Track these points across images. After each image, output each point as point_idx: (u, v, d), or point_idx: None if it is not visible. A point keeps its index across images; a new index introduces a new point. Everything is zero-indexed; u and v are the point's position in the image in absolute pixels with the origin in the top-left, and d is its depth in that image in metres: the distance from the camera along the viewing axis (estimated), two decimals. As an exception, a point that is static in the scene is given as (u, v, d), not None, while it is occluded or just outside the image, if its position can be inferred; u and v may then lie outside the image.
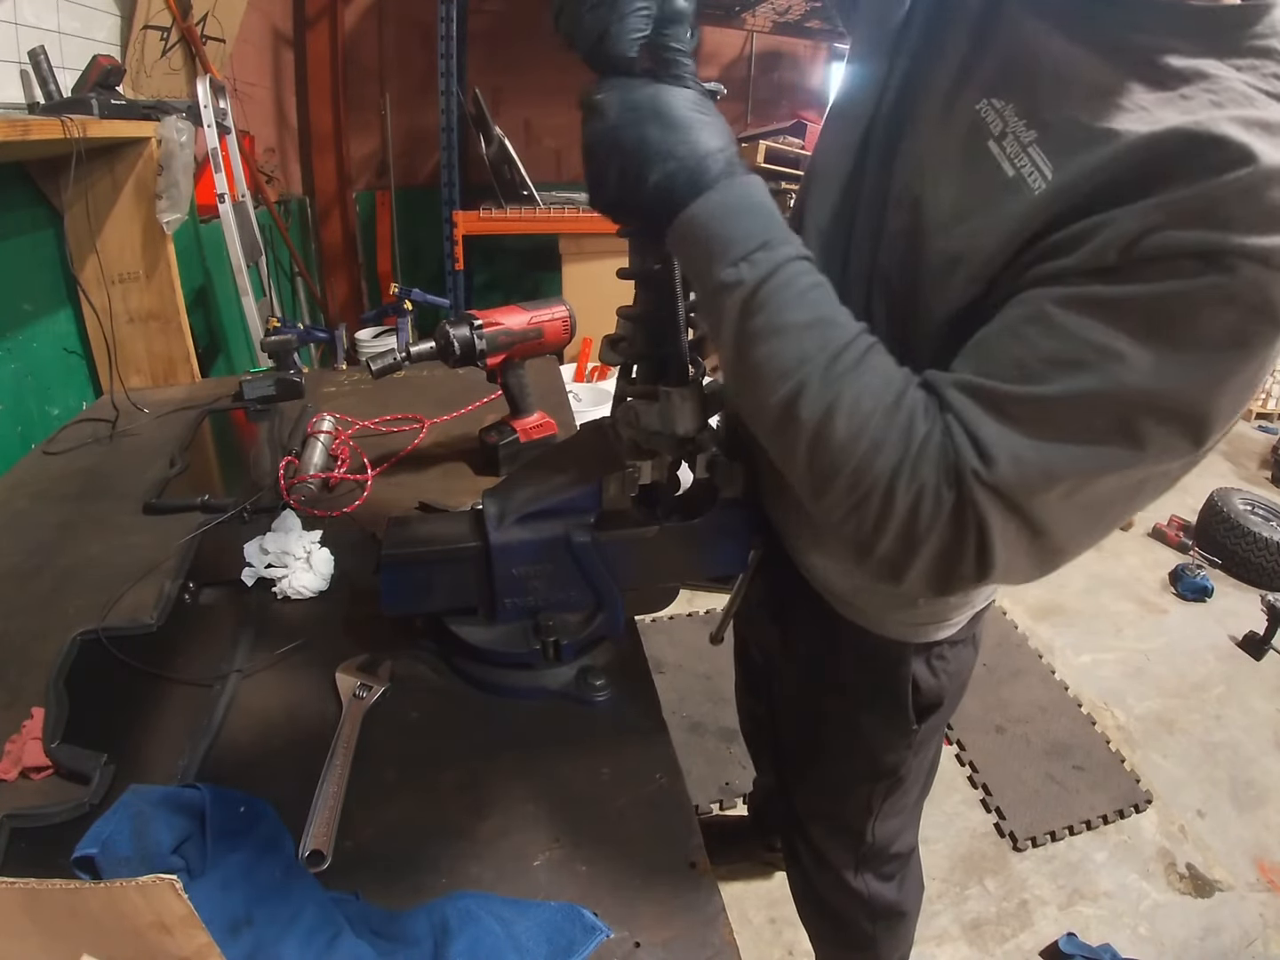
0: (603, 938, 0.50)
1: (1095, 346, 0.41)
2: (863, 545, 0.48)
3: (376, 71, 3.29)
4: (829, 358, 0.46)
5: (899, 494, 0.45)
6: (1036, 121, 0.46)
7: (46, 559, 0.91)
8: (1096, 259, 0.42)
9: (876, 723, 0.79)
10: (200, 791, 0.49)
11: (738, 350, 0.49)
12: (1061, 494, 0.44)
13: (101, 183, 1.38)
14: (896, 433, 0.45)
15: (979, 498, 0.43)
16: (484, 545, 0.68)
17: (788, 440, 0.48)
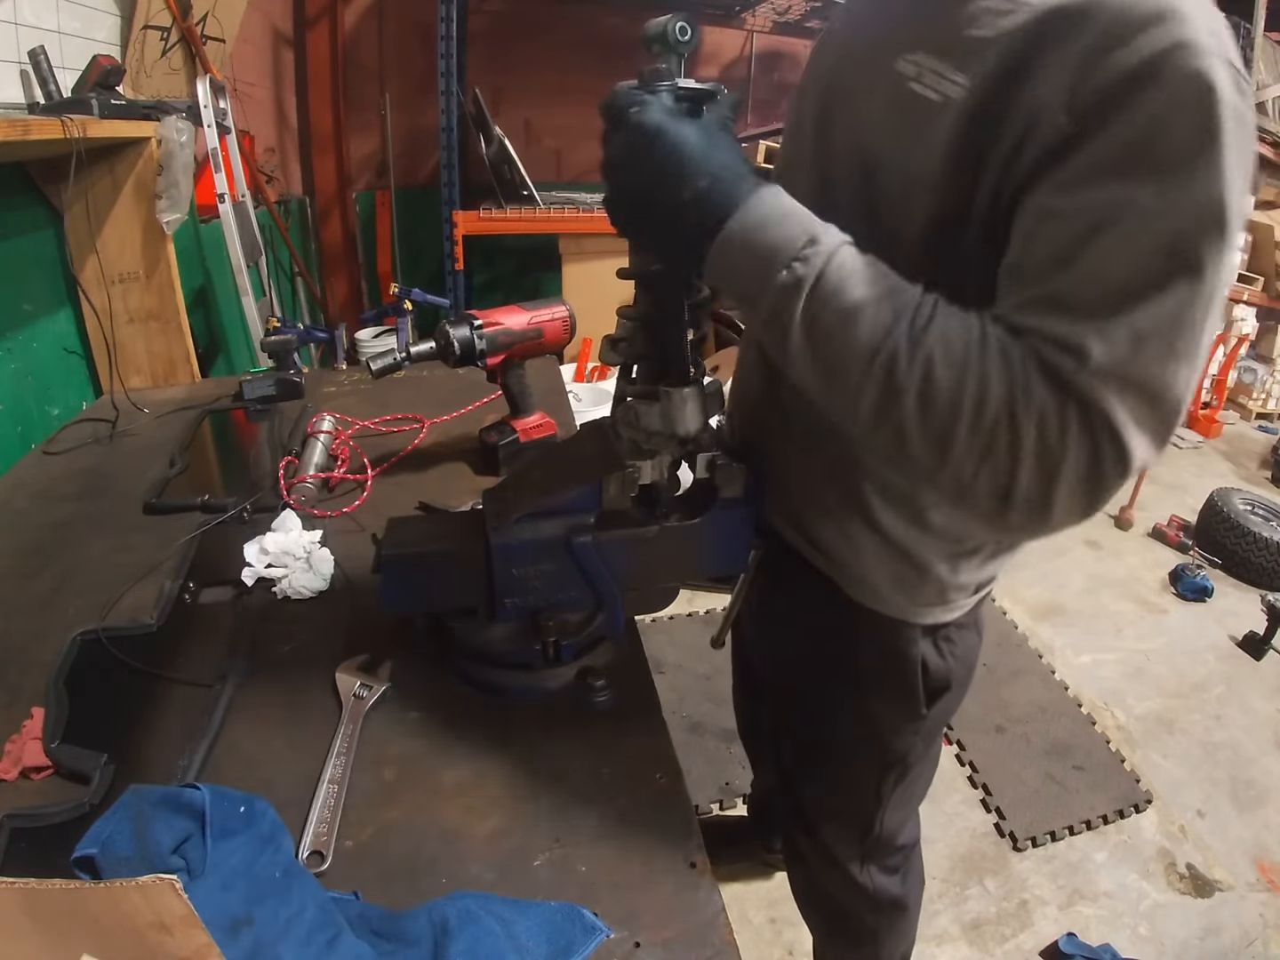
0: (603, 938, 0.50)
1: (1103, 206, 0.44)
2: (1001, 493, 0.47)
3: (376, 71, 3.29)
4: (907, 321, 0.47)
5: (1021, 419, 0.45)
6: (945, 54, 0.53)
7: (46, 559, 0.91)
8: (1055, 134, 0.46)
9: (887, 709, 0.80)
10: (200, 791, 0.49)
11: (814, 348, 0.49)
12: (1158, 350, 0.44)
13: (101, 183, 1.38)
14: (995, 363, 0.46)
15: (1094, 392, 0.44)
16: (484, 545, 0.68)
17: (895, 415, 0.47)
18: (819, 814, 0.92)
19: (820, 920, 1.09)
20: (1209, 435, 3.88)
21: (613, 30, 3.29)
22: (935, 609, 0.74)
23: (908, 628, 0.74)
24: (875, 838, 0.90)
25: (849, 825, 0.91)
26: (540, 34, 3.35)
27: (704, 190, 0.50)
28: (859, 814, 0.89)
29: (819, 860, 0.96)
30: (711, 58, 3.63)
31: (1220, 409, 4.05)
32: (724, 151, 0.51)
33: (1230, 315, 4.04)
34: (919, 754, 0.85)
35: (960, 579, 0.72)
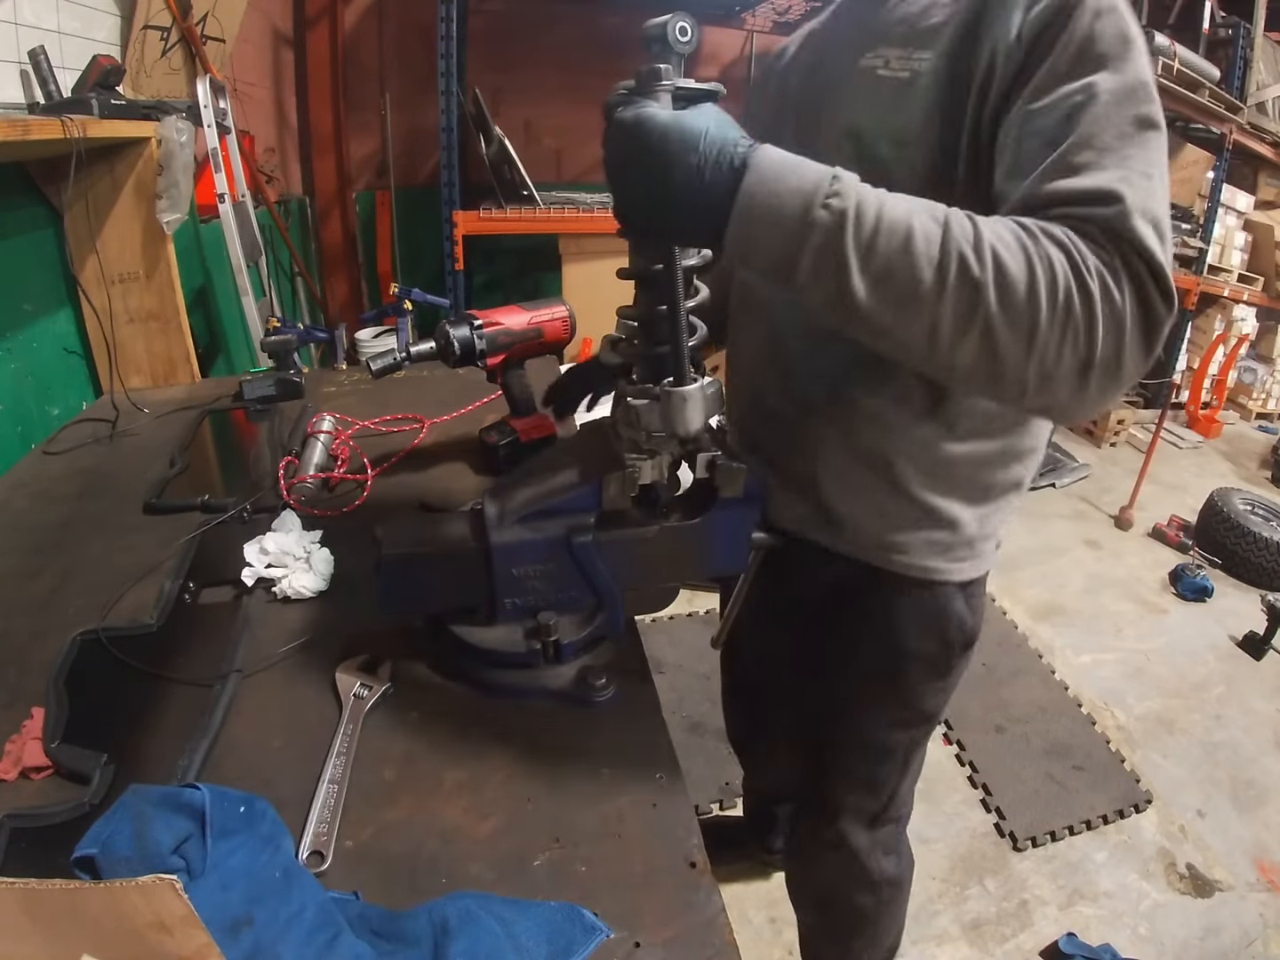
0: (603, 938, 0.50)
1: (1072, 94, 0.54)
2: (1082, 365, 0.50)
3: (376, 71, 3.29)
4: (957, 226, 0.49)
5: (1089, 281, 0.48)
6: (905, 44, 0.65)
7: (46, 559, 0.91)
8: (1013, 63, 0.57)
9: (925, 673, 0.83)
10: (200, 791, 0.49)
11: (877, 278, 0.48)
12: (1156, 188, 0.52)
13: (101, 183, 1.38)
14: (1046, 243, 0.49)
15: (1135, 230, 0.49)
16: (484, 545, 0.68)
17: (979, 316, 0.49)
18: (843, 800, 0.95)
19: (820, 913, 1.10)
20: (1209, 435, 3.88)
21: (613, 30, 3.29)
22: (967, 564, 0.79)
23: (946, 588, 0.79)
24: (889, 811, 0.96)
25: (870, 802, 0.95)
26: (540, 34, 3.35)
27: (692, 166, 0.49)
28: (883, 788, 0.93)
29: (831, 849, 0.98)
30: (711, 58, 3.63)
31: (1220, 409, 4.05)
32: (712, 127, 0.50)
33: (1230, 315, 4.04)
34: (941, 710, 0.90)
35: (985, 529, 0.78)
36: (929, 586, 0.78)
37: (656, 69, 0.52)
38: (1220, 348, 3.97)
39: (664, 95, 0.52)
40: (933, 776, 1.76)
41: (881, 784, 0.93)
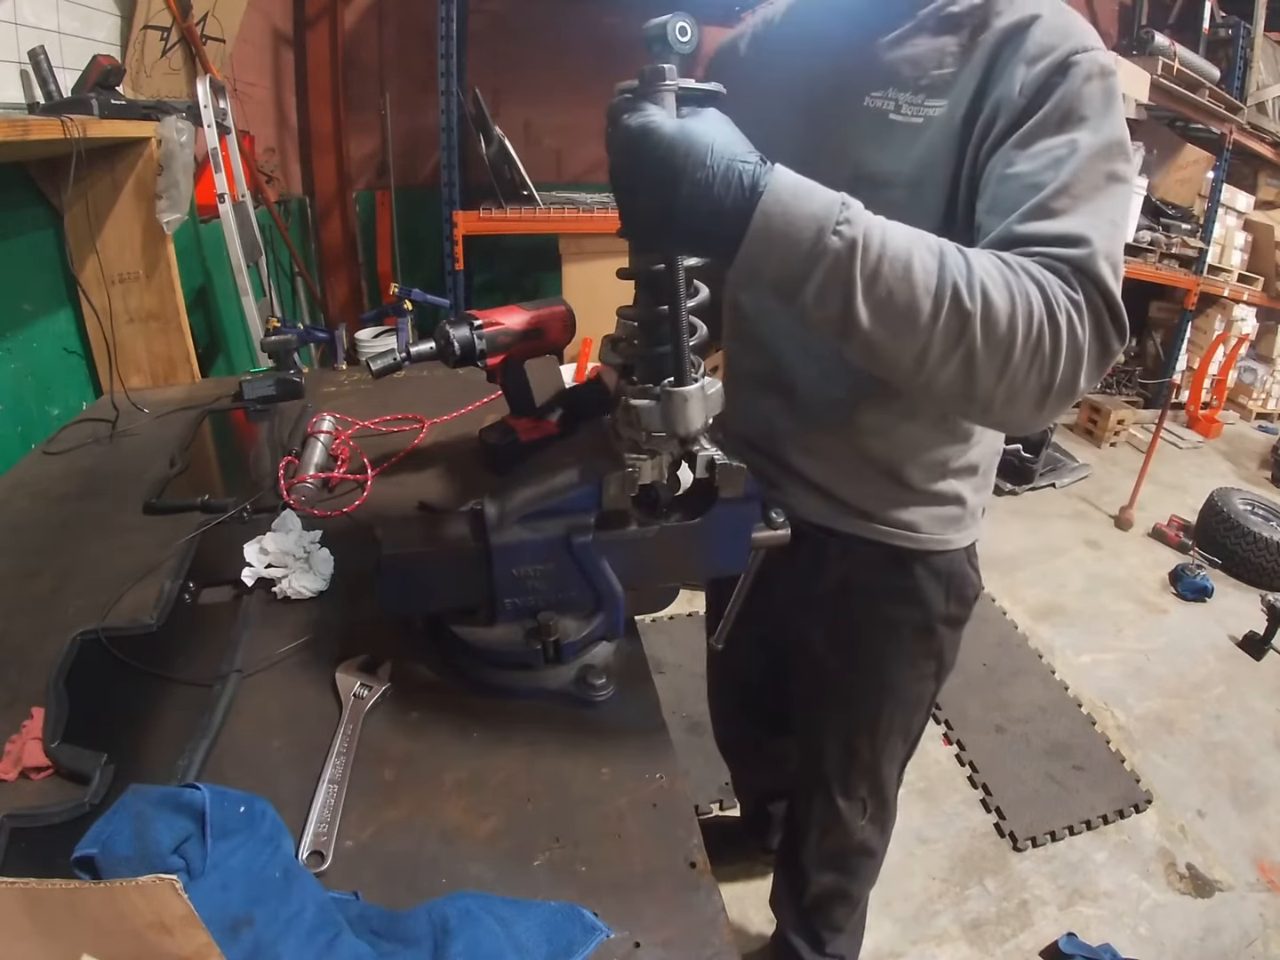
0: (603, 938, 0.50)
1: (1056, 147, 0.60)
2: (1044, 387, 0.56)
3: (376, 71, 3.29)
4: (949, 257, 0.53)
5: (1059, 317, 0.54)
6: (918, 89, 0.70)
7: (46, 559, 0.91)
8: (1013, 112, 0.63)
9: (946, 626, 0.92)
10: (200, 791, 0.49)
11: (880, 302, 0.52)
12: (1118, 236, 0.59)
13: (101, 183, 1.38)
14: (1026, 279, 0.54)
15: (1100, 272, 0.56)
16: (484, 545, 0.67)
17: (965, 341, 0.53)
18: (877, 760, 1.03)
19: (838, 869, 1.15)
20: (1209, 435, 3.88)
21: (613, 30, 3.29)
22: (970, 530, 0.89)
23: (958, 553, 0.89)
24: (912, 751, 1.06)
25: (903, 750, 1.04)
26: (540, 34, 3.35)
27: (700, 181, 0.49)
28: (911, 738, 1.04)
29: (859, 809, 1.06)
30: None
31: (1220, 409, 4.05)
32: (719, 139, 0.50)
33: (1230, 315, 4.04)
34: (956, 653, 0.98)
35: (982, 499, 0.90)
36: (945, 555, 0.88)
37: (659, 69, 0.52)
38: (1220, 348, 3.97)
39: (667, 96, 0.52)
40: (933, 776, 1.76)
41: (913, 729, 1.03)
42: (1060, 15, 0.66)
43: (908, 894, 1.49)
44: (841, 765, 1.04)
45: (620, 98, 0.53)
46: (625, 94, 0.53)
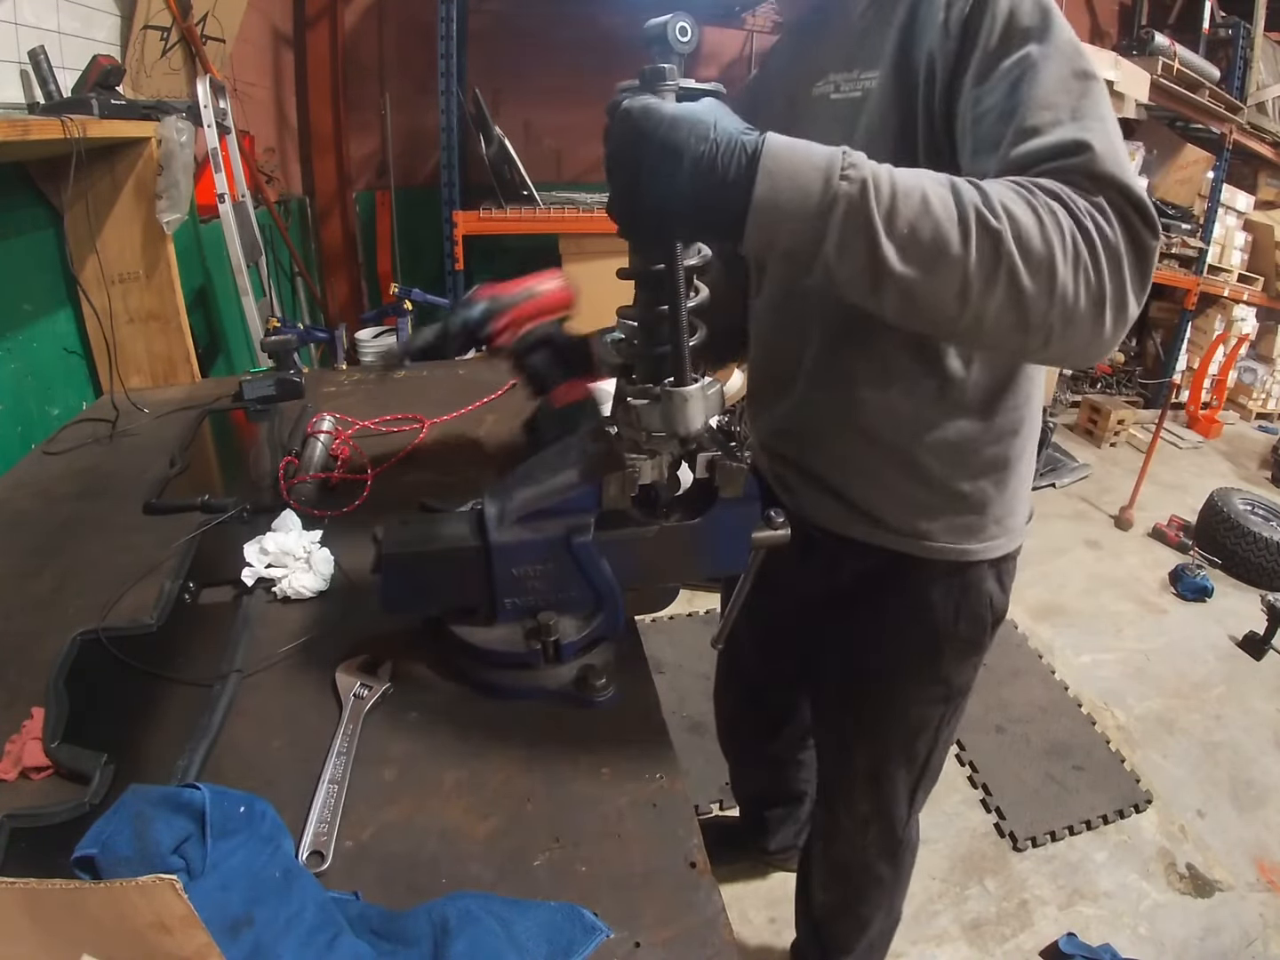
0: (603, 938, 0.50)
1: (1011, 68, 0.59)
2: (1096, 301, 0.52)
3: (376, 71, 3.29)
4: (963, 185, 0.51)
5: (1087, 222, 0.51)
6: (850, 65, 0.71)
7: (46, 559, 0.91)
8: (948, 55, 0.62)
9: (960, 651, 0.87)
10: (200, 791, 0.49)
11: (904, 241, 0.49)
12: (1110, 131, 0.56)
13: (101, 183, 1.38)
14: (1041, 195, 0.52)
15: (1109, 168, 0.53)
16: (484, 545, 0.67)
17: (1004, 264, 0.50)
18: (878, 775, 0.98)
19: (844, 887, 1.13)
20: (1209, 435, 3.88)
21: (613, 30, 3.29)
22: (999, 541, 0.82)
23: (980, 567, 0.82)
24: (924, 780, 0.99)
25: (908, 773, 0.97)
26: (540, 34, 3.35)
27: (704, 154, 0.48)
28: (919, 758, 0.97)
29: (862, 827, 1.02)
30: (711, 58, 3.63)
31: (1220, 409, 4.05)
32: (721, 117, 0.50)
33: (1230, 315, 4.04)
34: (973, 682, 0.94)
35: (1011, 504, 0.82)
36: (962, 568, 0.82)
37: (660, 68, 0.52)
38: (1220, 348, 3.97)
39: (668, 95, 0.52)
40: (933, 776, 1.76)
41: (918, 755, 0.96)
42: None
43: (908, 894, 1.49)
44: (841, 775, 1.02)
45: (620, 89, 0.53)
46: (625, 93, 0.53)
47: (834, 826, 1.06)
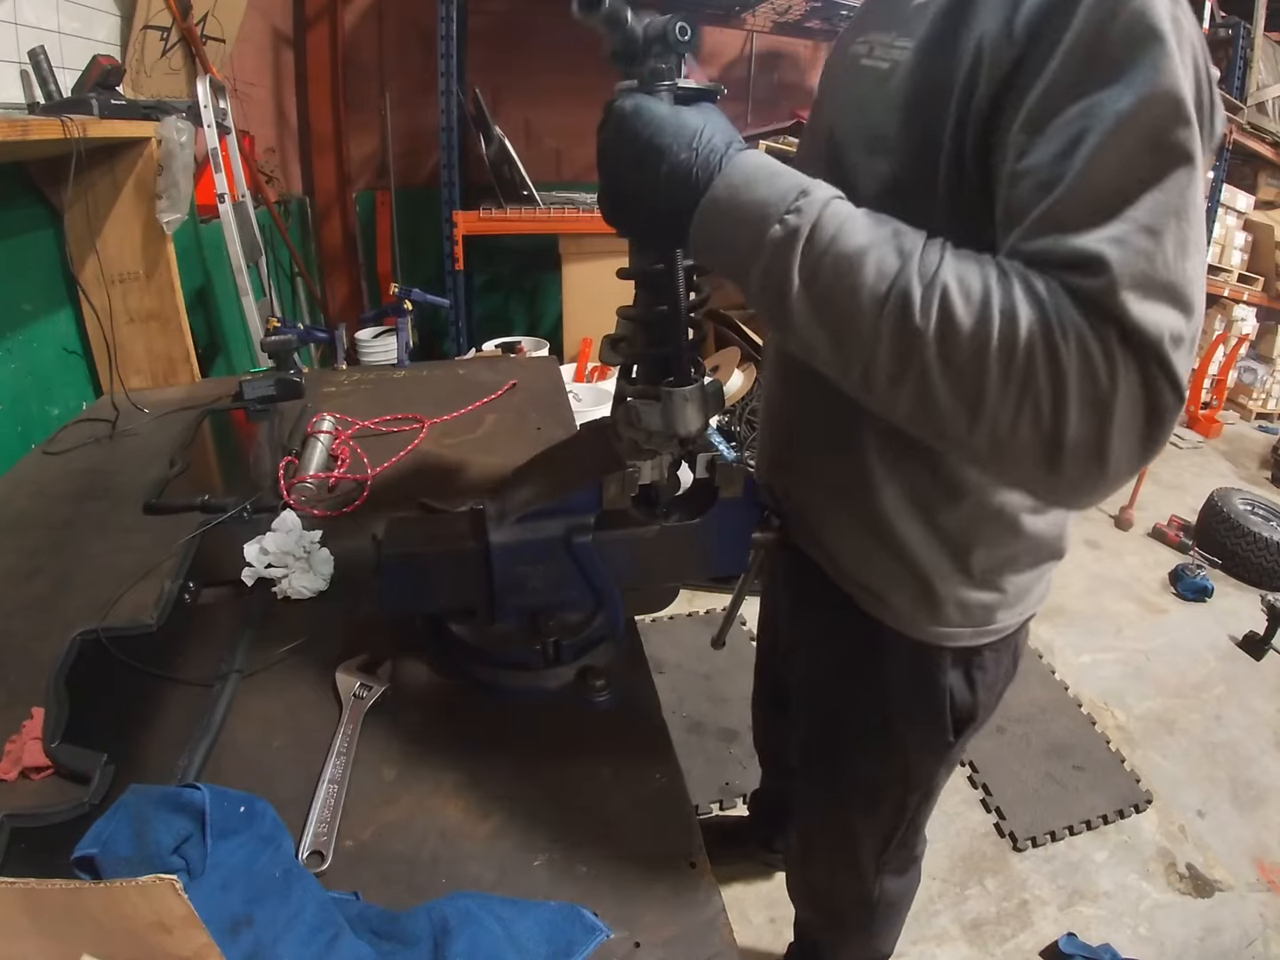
0: (603, 938, 0.50)
1: (1073, 119, 0.44)
2: (1048, 442, 0.42)
3: (376, 71, 3.29)
4: (915, 260, 0.44)
5: (1061, 349, 0.41)
6: (890, 27, 0.58)
7: (46, 559, 0.91)
8: (1003, 63, 0.47)
9: (914, 737, 0.78)
10: (200, 791, 0.49)
11: (817, 302, 0.45)
12: (1171, 243, 0.42)
13: (101, 183, 1.38)
14: (1020, 295, 0.42)
15: (1124, 304, 0.41)
16: (484, 545, 0.68)
17: (915, 364, 0.43)
18: (842, 824, 0.91)
19: (815, 913, 1.11)
20: (1209, 435, 3.88)
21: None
22: (962, 630, 0.70)
23: (935, 652, 0.71)
24: (896, 847, 0.90)
25: (872, 835, 0.89)
26: (540, 34, 3.34)
27: (683, 162, 0.48)
28: (882, 827, 0.88)
29: (829, 862, 0.97)
30: (711, 58, 3.63)
31: (1220, 409, 4.05)
32: (708, 127, 0.49)
33: (1230, 315, 4.04)
34: (943, 779, 0.85)
35: (979, 596, 0.69)
36: (917, 648, 0.71)
37: (659, 68, 0.52)
38: (1220, 348, 3.96)
39: (664, 95, 0.52)
40: (933, 776, 1.76)
41: (882, 822, 0.87)
42: None
43: (908, 894, 1.50)
44: (807, 811, 0.97)
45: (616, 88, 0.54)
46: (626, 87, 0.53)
47: (804, 854, 1.02)
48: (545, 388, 1.43)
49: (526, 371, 1.50)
